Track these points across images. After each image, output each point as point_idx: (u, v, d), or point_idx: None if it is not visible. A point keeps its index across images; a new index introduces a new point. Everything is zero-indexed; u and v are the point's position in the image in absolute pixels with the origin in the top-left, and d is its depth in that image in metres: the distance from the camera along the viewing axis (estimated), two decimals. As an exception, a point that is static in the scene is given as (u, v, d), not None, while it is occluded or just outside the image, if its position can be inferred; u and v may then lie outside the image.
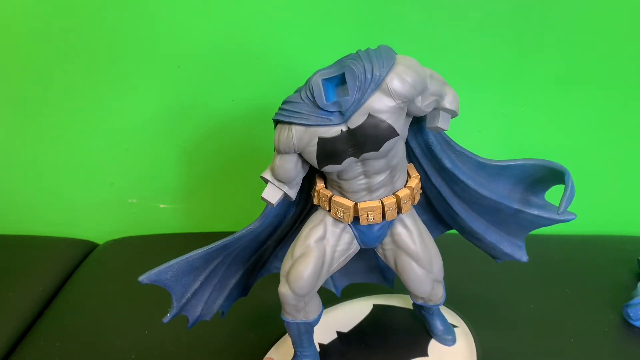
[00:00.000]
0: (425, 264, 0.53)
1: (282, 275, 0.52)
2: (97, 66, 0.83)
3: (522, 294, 0.73)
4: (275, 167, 0.48)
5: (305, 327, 0.55)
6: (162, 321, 0.53)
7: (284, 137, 0.46)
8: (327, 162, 0.46)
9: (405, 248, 0.53)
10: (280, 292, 0.52)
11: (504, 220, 0.56)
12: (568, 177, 0.48)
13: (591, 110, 0.85)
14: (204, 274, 0.54)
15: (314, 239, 0.51)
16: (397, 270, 0.55)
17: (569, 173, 0.48)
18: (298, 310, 0.53)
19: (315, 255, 0.51)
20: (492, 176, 0.53)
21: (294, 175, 0.49)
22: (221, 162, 0.90)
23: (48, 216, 0.97)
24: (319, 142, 0.45)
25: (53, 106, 0.87)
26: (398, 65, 0.44)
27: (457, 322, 0.65)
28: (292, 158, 0.48)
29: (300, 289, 0.51)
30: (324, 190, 0.51)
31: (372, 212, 0.50)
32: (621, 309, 0.68)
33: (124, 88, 0.85)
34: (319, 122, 0.45)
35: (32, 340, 0.69)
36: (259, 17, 0.79)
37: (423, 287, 0.54)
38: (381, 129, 0.44)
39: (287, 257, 0.53)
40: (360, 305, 0.68)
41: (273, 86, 0.80)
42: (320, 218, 0.52)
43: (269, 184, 0.49)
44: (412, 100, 0.45)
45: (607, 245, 0.85)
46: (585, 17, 0.78)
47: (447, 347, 0.61)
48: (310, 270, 0.50)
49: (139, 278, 0.50)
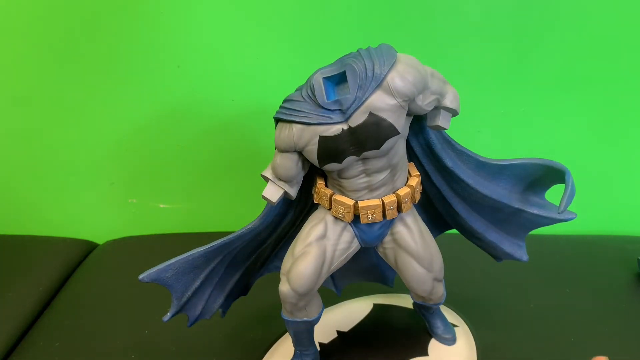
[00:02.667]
0: (425, 262, 0.53)
1: (282, 274, 0.52)
2: (97, 66, 0.83)
3: (522, 294, 0.73)
4: (275, 165, 0.48)
5: (306, 326, 0.55)
6: (162, 320, 0.53)
7: (284, 135, 0.46)
8: (328, 161, 0.46)
9: (405, 247, 0.53)
10: (281, 290, 0.52)
11: (505, 220, 0.56)
12: (568, 177, 0.48)
13: (591, 110, 0.85)
14: (204, 273, 0.54)
15: (315, 238, 0.51)
16: (398, 269, 0.55)
17: (570, 172, 0.48)
18: (299, 309, 0.53)
19: (316, 253, 0.51)
20: (493, 175, 0.53)
21: (294, 173, 0.49)
22: (221, 161, 0.90)
23: (48, 216, 0.97)
24: (320, 141, 0.45)
25: (53, 106, 0.87)
26: (399, 63, 0.44)
27: (457, 321, 0.65)
28: (292, 156, 0.48)
29: (301, 287, 0.51)
30: (324, 189, 0.51)
31: (373, 211, 0.50)
32: (621, 308, 0.68)
33: (124, 88, 0.85)
34: (320, 121, 0.45)
35: (32, 340, 0.69)
36: (258, 17, 0.79)
37: (423, 286, 0.54)
38: (382, 127, 0.44)
39: (288, 255, 0.53)
40: (360, 305, 0.68)
41: (273, 86, 0.80)
42: (321, 217, 0.52)
43: (270, 182, 0.49)
44: (413, 98, 0.45)
45: (607, 245, 0.85)
46: (585, 16, 0.78)
47: (447, 347, 0.61)
48: (311, 268, 0.50)
49: (140, 276, 0.50)
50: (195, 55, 0.82)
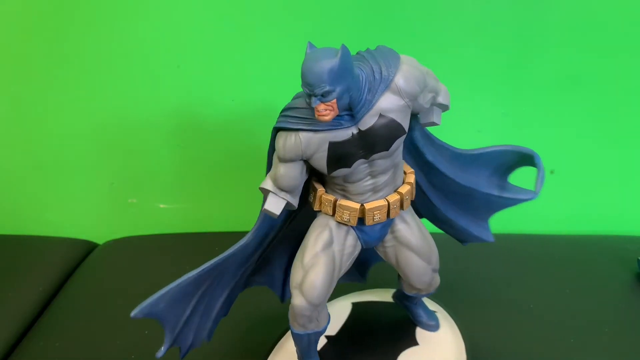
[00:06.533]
0: (425, 256, 0.54)
1: (294, 288, 0.50)
2: (97, 66, 0.83)
3: (521, 294, 0.73)
4: (279, 176, 0.47)
5: (315, 337, 0.54)
6: (156, 356, 0.50)
7: (290, 144, 0.45)
8: (338, 167, 0.46)
9: (407, 243, 0.54)
10: (295, 305, 0.50)
11: (474, 205, 0.58)
12: (538, 159, 0.51)
13: (592, 110, 0.85)
14: (194, 300, 0.52)
15: (322, 246, 0.50)
16: (399, 266, 0.55)
17: (538, 155, 0.51)
18: (311, 320, 0.52)
19: (326, 262, 0.50)
20: (467, 165, 0.55)
21: (299, 182, 0.48)
22: (221, 162, 0.90)
23: (48, 216, 0.97)
24: (330, 147, 0.45)
25: (53, 106, 0.87)
26: (403, 64, 0.45)
27: (434, 307, 0.66)
28: (298, 165, 0.47)
29: (316, 298, 0.50)
30: (326, 195, 0.50)
31: (379, 212, 0.50)
32: (621, 308, 0.68)
33: (124, 88, 0.85)
34: (330, 127, 0.44)
35: (32, 340, 0.69)
36: (259, 17, 0.79)
37: (424, 279, 0.55)
38: (391, 128, 0.45)
39: (297, 268, 0.51)
40: (339, 307, 0.67)
41: (273, 86, 0.80)
42: (324, 223, 0.52)
43: (270, 194, 0.48)
44: (417, 98, 0.46)
45: (607, 245, 0.85)
46: (585, 16, 0.78)
47: (433, 333, 0.62)
48: (323, 278, 0.50)
49: (132, 313, 0.46)
50: (195, 55, 0.82)
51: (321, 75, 0.40)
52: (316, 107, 0.41)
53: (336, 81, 0.41)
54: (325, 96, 0.41)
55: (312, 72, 0.40)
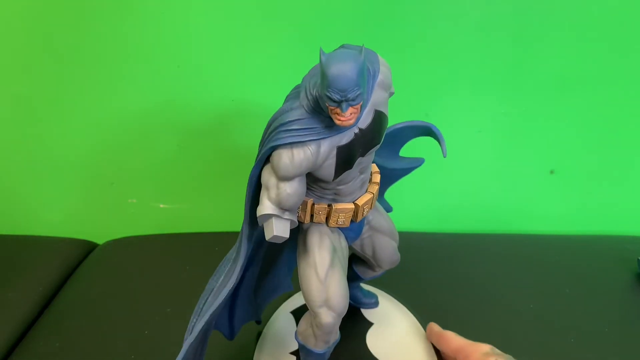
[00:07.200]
0: (393, 235, 0.58)
1: (319, 307, 0.49)
2: (97, 66, 0.83)
3: (521, 294, 0.73)
4: (283, 197, 0.44)
5: (330, 349, 0.54)
6: None
7: (299, 159, 0.42)
8: (344, 169, 0.45)
9: (381, 229, 0.56)
10: (326, 323, 0.49)
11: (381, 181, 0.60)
12: (435, 128, 0.53)
13: (592, 110, 0.85)
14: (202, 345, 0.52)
15: (330, 256, 0.50)
16: (375, 252, 0.57)
17: (433, 124, 0.54)
18: (334, 332, 0.51)
19: (339, 270, 0.50)
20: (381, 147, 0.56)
21: (304, 196, 0.46)
22: (221, 162, 0.90)
23: (48, 216, 0.97)
24: (338, 151, 0.44)
25: (53, 106, 0.87)
26: (379, 58, 0.46)
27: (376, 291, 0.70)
28: (303, 179, 0.45)
29: (344, 307, 0.49)
30: (318, 205, 0.49)
31: (367, 206, 0.51)
32: (621, 308, 0.68)
33: (124, 88, 0.85)
34: (336, 132, 0.43)
35: (32, 340, 0.69)
36: (259, 17, 0.79)
37: (394, 258, 0.59)
38: (382, 121, 0.46)
39: (313, 287, 0.49)
40: (283, 322, 0.67)
41: (273, 86, 0.80)
42: (319, 232, 0.51)
43: (274, 219, 0.45)
44: (391, 87, 0.47)
45: (607, 245, 0.85)
46: (586, 17, 0.78)
47: (379, 309, 0.67)
48: (343, 285, 0.50)
49: None
50: (195, 55, 0.82)
51: (354, 79, 0.38)
52: (345, 112, 0.39)
53: (363, 82, 0.39)
54: (355, 99, 0.39)
55: (346, 77, 0.38)
